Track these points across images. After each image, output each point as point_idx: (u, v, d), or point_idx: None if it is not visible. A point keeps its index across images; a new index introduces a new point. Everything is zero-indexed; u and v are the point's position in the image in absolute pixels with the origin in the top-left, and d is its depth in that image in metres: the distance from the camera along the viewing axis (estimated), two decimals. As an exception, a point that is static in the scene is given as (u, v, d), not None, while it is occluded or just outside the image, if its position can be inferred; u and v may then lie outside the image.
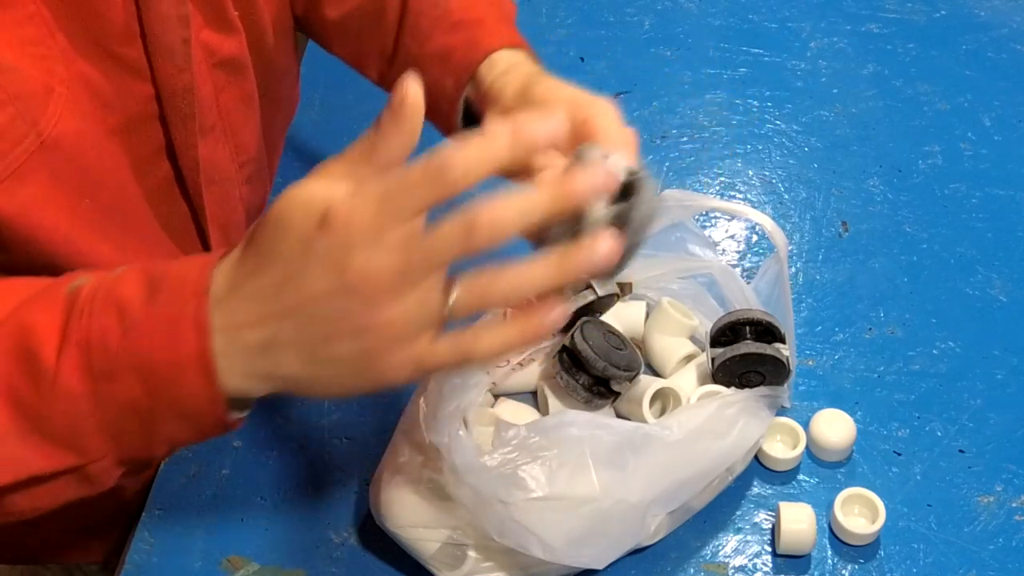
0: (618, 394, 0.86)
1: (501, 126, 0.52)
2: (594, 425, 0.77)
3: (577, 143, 0.69)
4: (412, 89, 0.53)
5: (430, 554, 0.79)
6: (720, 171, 1.12)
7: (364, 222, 0.51)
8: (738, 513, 0.85)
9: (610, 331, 0.87)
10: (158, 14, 0.69)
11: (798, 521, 0.81)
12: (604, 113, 0.70)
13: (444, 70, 0.80)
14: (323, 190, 0.52)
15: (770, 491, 0.87)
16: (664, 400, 0.87)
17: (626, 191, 0.64)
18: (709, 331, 0.87)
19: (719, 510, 0.85)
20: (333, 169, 0.54)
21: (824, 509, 0.84)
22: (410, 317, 0.53)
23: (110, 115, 0.70)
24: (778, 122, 1.17)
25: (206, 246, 0.81)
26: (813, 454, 0.88)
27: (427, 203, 0.53)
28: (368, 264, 0.51)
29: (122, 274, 0.58)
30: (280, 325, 0.54)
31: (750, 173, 1.12)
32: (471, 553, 0.78)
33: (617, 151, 0.65)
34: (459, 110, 0.80)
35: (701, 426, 0.79)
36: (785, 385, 0.86)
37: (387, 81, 0.90)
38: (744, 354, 0.83)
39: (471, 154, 0.53)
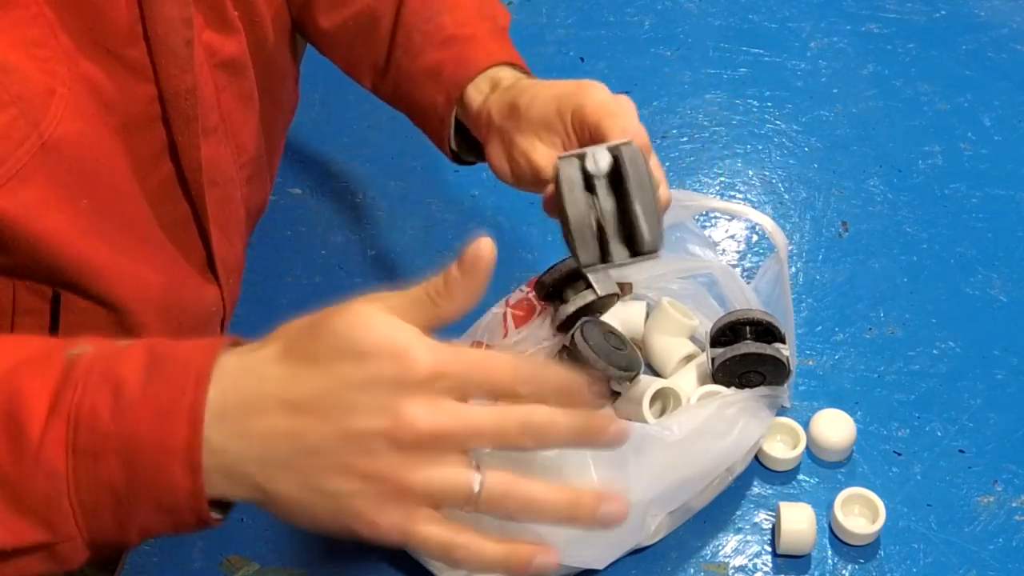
0: (618, 394, 0.86)
1: (565, 379, 0.54)
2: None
3: (578, 133, 0.69)
4: (485, 248, 0.55)
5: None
6: (720, 171, 1.12)
7: (427, 368, 0.51)
8: (738, 513, 0.85)
9: (610, 331, 0.87)
10: (161, 16, 0.69)
11: (798, 521, 0.81)
12: (593, 92, 0.70)
13: (435, 87, 0.80)
14: (399, 326, 0.52)
15: (770, 491, 0.87)
16: (664, 400, 0.87)
17: (617, 168, 0.64)
18: (709, 331, 0.87)
19: (719, 510, 0.85)
20: (394, 304, 0.54)
21: (824, 509, 0.84)
22: (431, 485, 0.52)
23: (112, 116, 0.70)
24: (778, 122, 1.17)
25: (207, 246, 0.81)
26: (813, 454, 0.88)
27: (489, 396, 0.53)
28: (420, 414, 0.51)
29: (126, 349, 0.55)
30: (299, 442, 0.52)
31: (750, 173, 1.12)
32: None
33: (615, 129, 0.66)
34: (450, 125, 0.81)
35: (701, 426, 0.79)
36: (785, 385, 0.86)
37: (380, 91, 0.90)
38: (744, 354, 0.83)
39: (542, 383, 0.54)
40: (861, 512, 0.84)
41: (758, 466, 0.88)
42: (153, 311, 0.76)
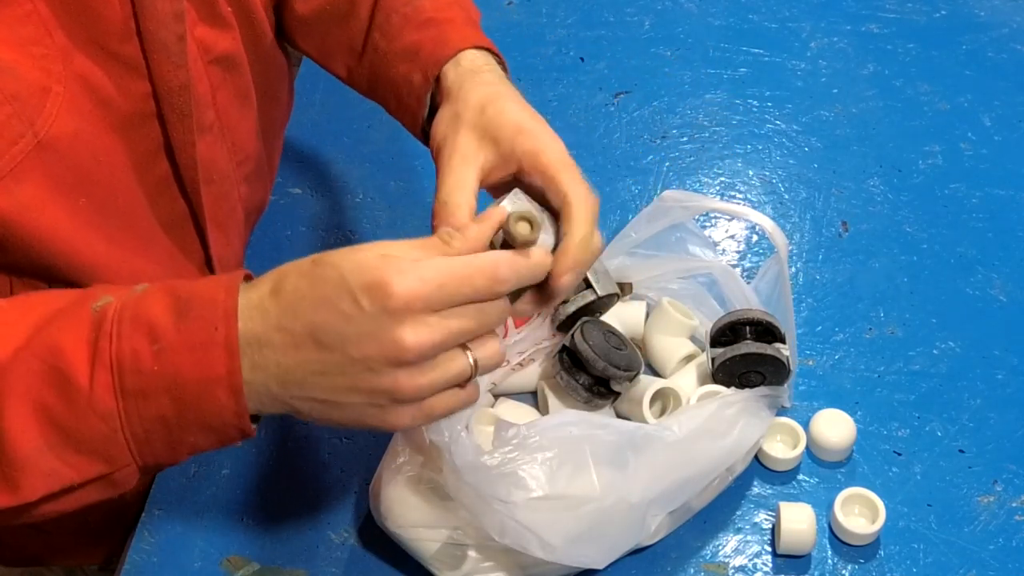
0: (618, 394, 0.86)
1: (541, 260, 0.64)
2: (594, 425, 0.77)
3: (523, 172, 0.72)
4: (498, 210, 0.65)
5: (430, 554, 0.79)
6: (720, 171, 1.12)
7: (420, 300, 0.59)
8: (738, 513, 0.85)
9: (610, 331, 0.87)
10: (153, 10, 0.69)
11: (798, 521, 0.81)
12: (553, 145, 0.72)
13: (412, 65, 0.81)
14: (386, 260, 0.59)
15: (770, 491, 0.87)
16: (664, 400, 0.87)
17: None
18: (709, 331, 0.87)
19: (719, 510, 0.85)
20: (400, 245, 0.61)
21: (824, 509, 0.84)
22: (436, 383, 0.61)
23: (108, 113, 0.70)
24: (778, 122, 1.17)
25: (204, 245, 0.81)
26: (813, 454, 0.88)
27: (473, 300, 0.61)
28: (413, 338, 0.58)
29: (146, 294, 0.61)
30: (309, 367, 0.60)
31: (750, 173, 1.12)
32: (471, 553, 0.78)
33: (566, 182, 0.70)
34: (426, 104, 0.81)
35: (701, 426, 0.79)
36: (785, 385, 0.86)
37: (355, 77, 0.89)
38: (744, 354, 0.83)
39: (519, 275, 0.63)
40: (861, 512, 0.84)
41: (758, 466, 0.88)
42: None
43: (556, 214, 0.70)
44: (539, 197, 0.71)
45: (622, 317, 0.92)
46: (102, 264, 0.71)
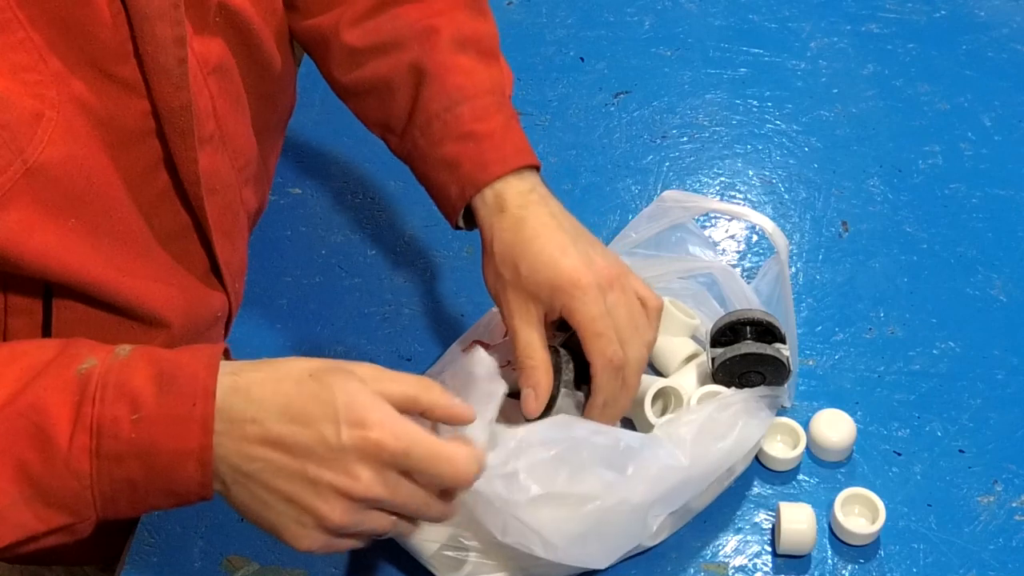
0: None
1: (477, 459, 0.67)
2: (594, 431, 0.78)
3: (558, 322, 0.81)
4: (468, 412, 0.70)
5: (431, 555, 0.79)
6: (720, 171, 1.12)
7: (387, 453, 0.64)
8: (738, 513, 0.85)
9: None
10: (153, 36, 0.69)
11: (798, 521, 0.81)
12: (586, 304, 0.78)
13: (451, 177, 0.85)
14: (375, 406, 0.64)
15: (770, 491, 0.87)
16: (665, 400, 0.87)
17: None
18: (709, 331, 0.87)
19: (719, 510, 0.85)
20: (386, 390, 0.66)
21: (824, 509, 0.84)
22: (359, 526, 0.66)
23: (106, 133, 0.69)
24: (778, 122, 1.17)
25: (210, 253, 0.81)
26: (813, 454, 0.88)
27: (430, 479, 0.66)
28: (366, 481, 0.64)
29: (130, 361, 0.64)
30: (267, 465, 0.64)
31: (750, 173, 1.12)
32: (472, 555, 0.78)
33: (595, 352, 0.79)
34: (460, 213, 0.85)
35: (702, 427, 0.79)
36: (785, 385, 0.86)
37: (392, 148, 0.92)
38: (744, 354, 0.83)
39: (467, 477, 0.67)
40: (861, 512, 0.84)
41: (758, 466, 0.88)
42: (163, 312, 0.76)
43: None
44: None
45: None
46: (97, 281, 0.71)
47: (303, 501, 0.64)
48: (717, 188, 1.11)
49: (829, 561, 0.82)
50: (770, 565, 0.83)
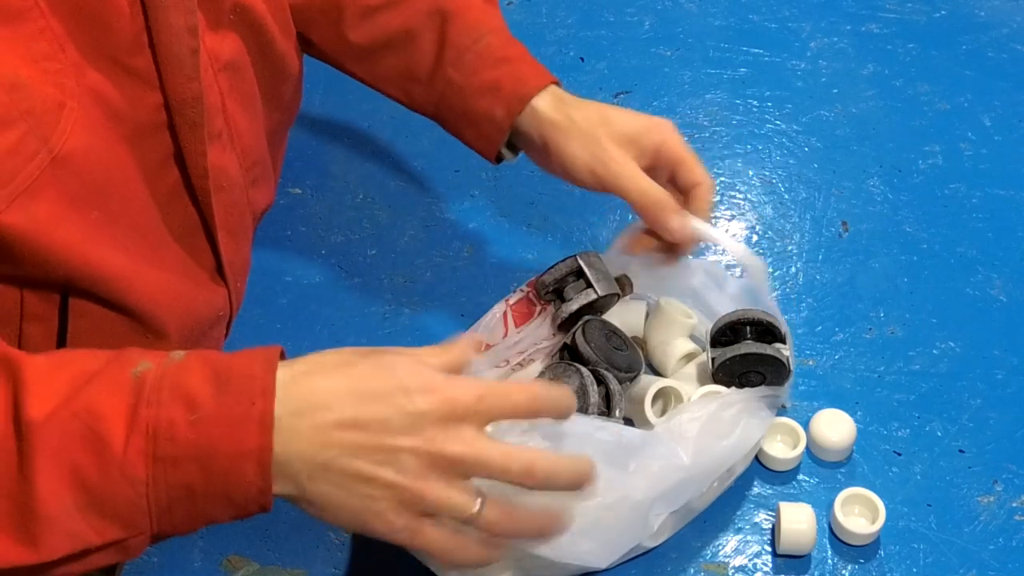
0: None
1: (539, 386, 0.67)
2: (597, 427, 0.77)
3: (655, 160, 0.88)
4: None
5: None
6: (720, 171, 1.12)
7: (458, 403, 0.63)
8: (738, 513, 0.85)
9: (612, 331, 0.87)
10: (167, 24, 0.69)
11: (798, 521, 0.81)
12: (673, 133, 0.88)
13: (494, 100, 0.89)
14: (432, 370, 0.64)
15: (770, 491, 0.87)
16: (665, 400, 0.87)
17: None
18: (709, 331, 0.87)
19: (719, 510, 0.85)
20: (431, 359, 0.65)
21: (824, 509, 0.85)
22: (440, 500, 0.63)
23: (119, 125, 0.70)
24: (778, 122, 1.17)
25: (215, 251, 0.81)
26: (813, 454, 0.88)
27: (504, 419, 0.65)
28: (444, 439, 0.62)
29: (185, 364, 0.63)
30: (343, 447, 0.62)
31: (750, 173, 1.12)
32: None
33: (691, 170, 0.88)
34: (506, 134, 0.90)
35: (704, 426, 0.79)
36: (785, 385, 0.86)
37: (417, 101, 0.95)
38: (744, 354, 0.83)
39: (556, 406, 0.66)
40: (861, 512, 0.84)
41: (758, 466, 0.88)
42: (166, 316, 0.77)
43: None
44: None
45: (622, 317, 0.92)
46: (117, 276, 0.71)
47: (386, 477, 0.62)
48: (717, 188, 1.11)
49: (829, 561, 0.82)
50: (770, 565, 0.83)
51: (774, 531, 0.84)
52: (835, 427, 0.87)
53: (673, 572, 0.82)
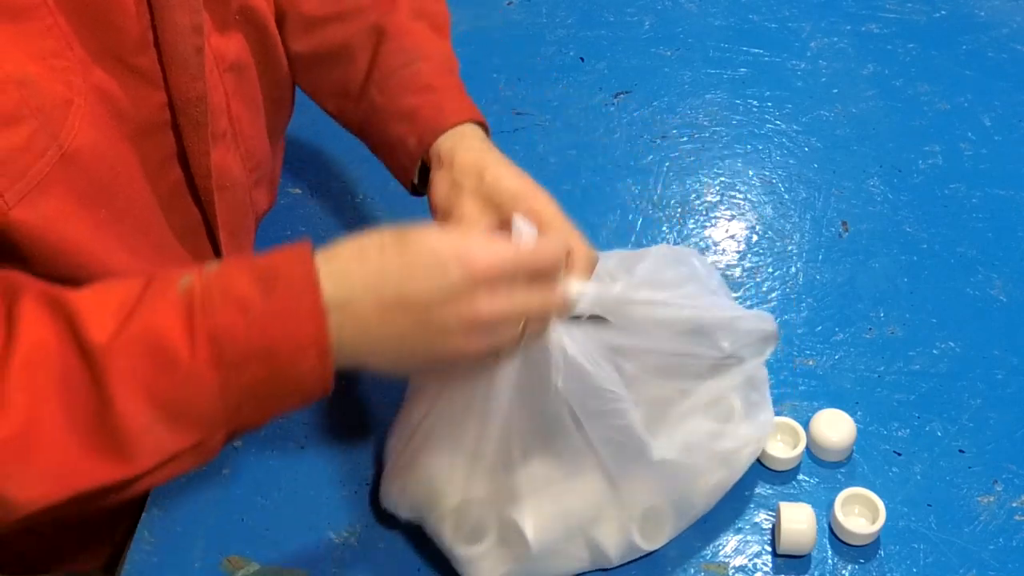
0: None
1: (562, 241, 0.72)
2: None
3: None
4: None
5: (448, 520, 0.79)
6: (720, 171, 1.13)
7: (494, 274, 0.65)
8: (738, 513, 0.85)
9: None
10: (172, 23, 0.70)
11: (798, 521, 0.81)
12: (546, 210, 0.79)
13: (409, 129, 0.87)
14: (466, 239, 0.66)
15: (770, 491, 0.87)
16: None
17: None
18: None
19: (719, 510, 0.85)
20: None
21: (824, 509, 0.85)
22: (491, 347, 0.68)
23: (124, 124, 0.70)
24: (778, 122, 1.17)
25: (217, 251, 0.82)
26: (813, 454, 0.88)
27: (531, 280, 0.68)
28: (487, 306, 0.65)
29: (226, 270, 0.64)
30: (391, 328, 0.65)
31: (750, 173, 1.12)
32: (491, 527, 0.79)
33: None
34: (418, 164, 0.87)
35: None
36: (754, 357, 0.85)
37: (346, 117, 0.94)
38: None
39: (557, 261, 0.70)
40: (861, 512, 0.84)
41: (758, 466, 0.88)
42: None
43: None
44: None
45: None
46: (122, 272, 0.72)
47: (438, 348, 0.66)
48: (717, 188, 1.11)
49: (829, 561, 0.82)
50: (770, 565, 0.83)
51: (774, 531, 0.84)
52: (835, 427, 0.87)
53: (673, 572, 0.82)
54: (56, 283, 0.70)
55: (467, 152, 0.83)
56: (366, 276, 0.65)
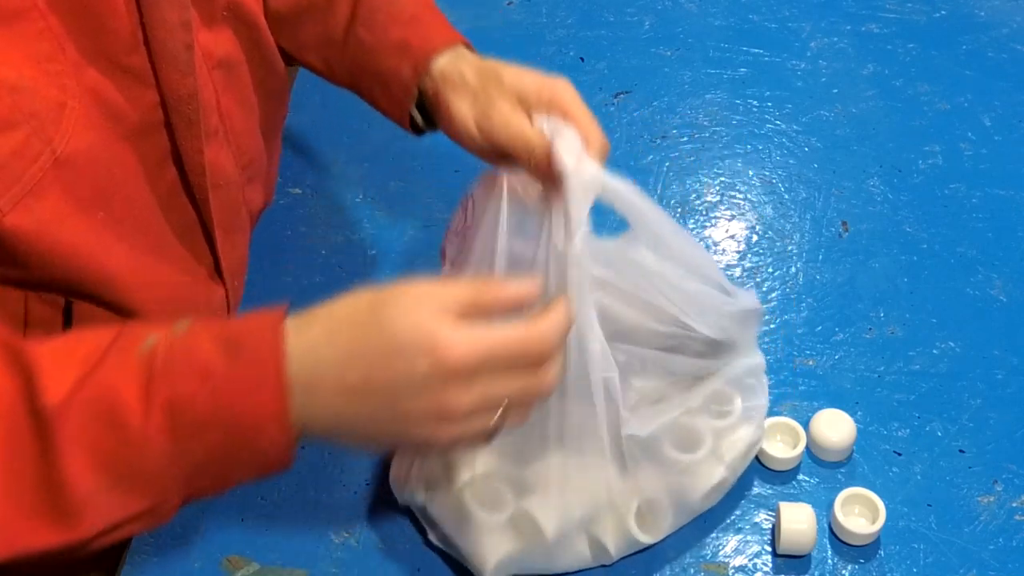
0: None
1: (559, 318, 0.66)
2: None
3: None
4: (528, 285, 0.67)
5: (467, 490, 0.79)
6: (720, 171, 1.12)
7: (467, 367, 0.63)
8: (738, 513, 0.85)
9: None
10: (161, 20, 0.69)
11: (798, 521, 0.81)
12: (568, 90, 0.80)
13: (402, 58, 0.86)
14: (440, 325, 0.63)
15: (770, 491, 0.87)
16: None
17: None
18: None
19: (719, 510, 0.85)
20: (444, 302, 0.64)
21: (824, 509, 0.84)
22: (464, 435, 0.66)
23: (119, 125, 0.70)
24: (778, 122, 1.17)
25: (213, 250, 0.82)
26: (813, 454, 0.88)
27: (512, 368, 0.65)
28: (456, 400, 0.63)
29: (192, 334, 0.63)
30: (359, 414, 0.64)
31: (750, 173, 1.12)
32: (509, 503, 0.79)
33: (583, 127, 0.79)
34: (414, 95, 0.86)
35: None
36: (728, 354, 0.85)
37: (334, 67, 0.93)
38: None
39: (552, 342, 0.66)
40: (861, 512, 0.84)
41: (758, 466, 0.88)
42: (166, 316, 0.77)
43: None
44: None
45: None
46: (123, 274, 0.72)
47: (405, 435, 0.65)
48: (717, 188, 1.11)
49: (829, 561, 0.82)
50: (770, 565, 0.83)
51: (774, 531, 0.84)
52: (835, 427, 0.87)
53: (673, 572, 0.82)
54: (56, 286, 0.70)
55: (472, 64, 0.83)
56: (334, 357, 0.63)
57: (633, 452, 0.79)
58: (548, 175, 0.76)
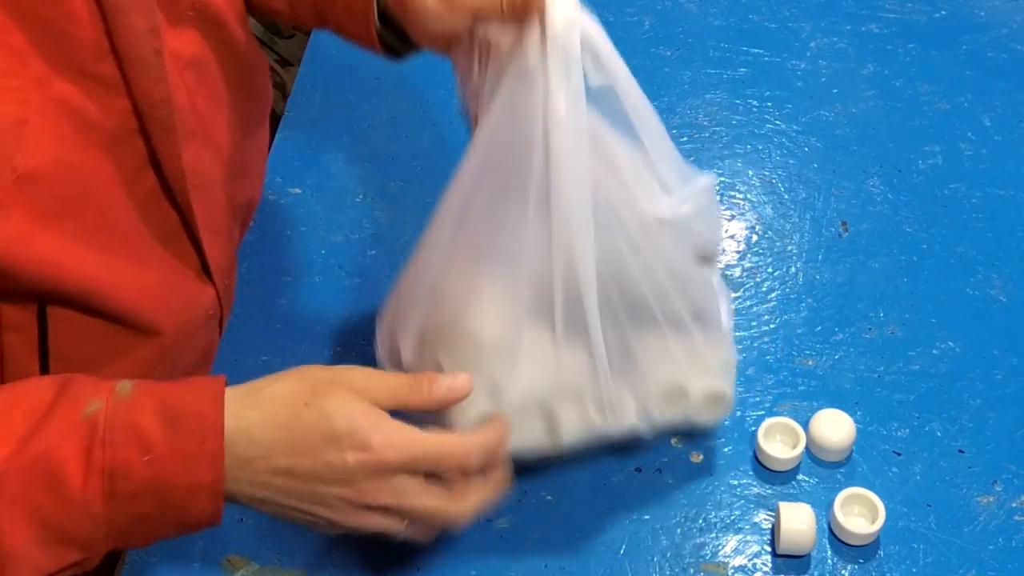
0: None
1: (492, 438, 0.72)
2: None
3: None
4: (462, 385, 0.72)
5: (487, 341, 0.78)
6: (720, 171, 1.12)
7: (390, 466, 0.68)
8: (738, 513, 0.85)
9: None
10: (128, 27, 0.68)
11: (798, 521, 0.81)
12: None
13: None
14: (374, 422, 0.68)
15: (770, 491, 0.87)
16: None
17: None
18: None
19: (719, 510, 0.85)
20: (378, 398, 0.69)
21: (824, 509, 0.85)
22: (368, 528, 0.71)
23: (93, 134, 0.69)
24: (778, 122, 1.17)
25: (199, 251, 0.81)
26: (813, 454, 0.88)
27: (432, 472, 0.70)
28: (374, 492, 0.68)
29: (135, 401, 0.66)
30: (281, 491, 0.68)
31: (750, 173, 1.12)
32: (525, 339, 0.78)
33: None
34: (374, 8, 0.83)
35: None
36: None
37: (298, 8, 0.91)
38: None
39: (476, 460, 0.71)
40: (861, 512, 0.84)
41: (758, 466, 0.88)
42: (157, 316, 0.76)
43: None
44: None
45: None
46: (98, 283, 0.71)
47: (319, 514, 0.69)
48: (717, 188, 1.11)
49: (829, 561, 0.82)
50: (770, 565, 0.83)
51: (774, 531, 0.84)
52: (835, 427, 0.87)
53: (673, 572, 0.82)
54: (32, 296, 0.70)
55: None
56: (269, 438, 0.67)
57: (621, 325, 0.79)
58: (522, 15, 0.78)
